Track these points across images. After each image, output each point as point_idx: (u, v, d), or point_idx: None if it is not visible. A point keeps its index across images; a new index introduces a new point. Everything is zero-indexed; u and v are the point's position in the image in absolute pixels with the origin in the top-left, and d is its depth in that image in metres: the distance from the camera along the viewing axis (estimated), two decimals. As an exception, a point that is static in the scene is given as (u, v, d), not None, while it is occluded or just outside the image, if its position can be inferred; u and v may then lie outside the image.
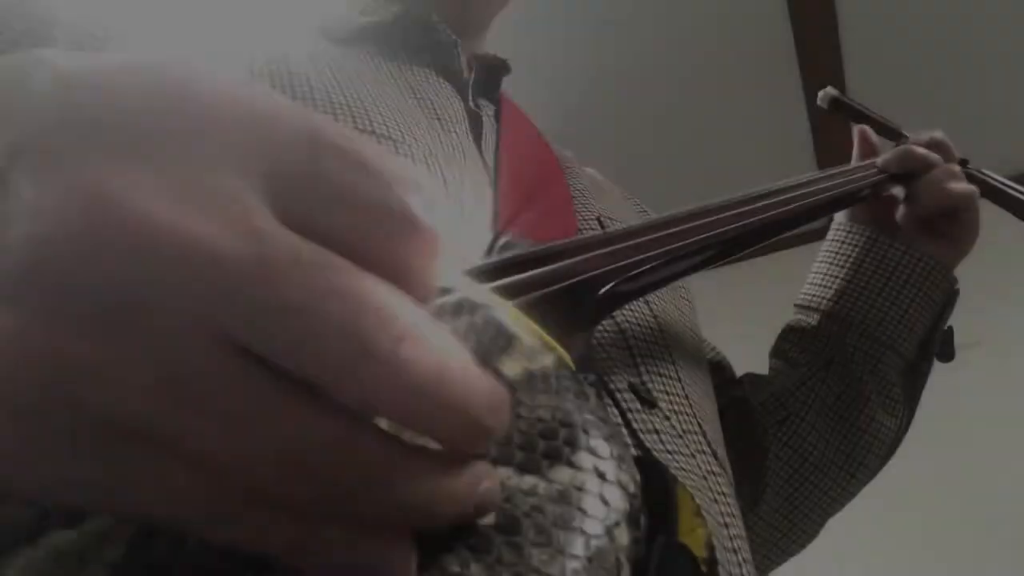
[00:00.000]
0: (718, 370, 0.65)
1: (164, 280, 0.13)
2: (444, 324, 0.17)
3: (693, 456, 0.40)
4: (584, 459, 0.21)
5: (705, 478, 0.40)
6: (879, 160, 0.64)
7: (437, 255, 0.17)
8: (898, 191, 0.65)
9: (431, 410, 0.15)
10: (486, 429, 0.16)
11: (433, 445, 0.16)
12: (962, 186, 0.61)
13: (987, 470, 2.33)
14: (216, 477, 0.14)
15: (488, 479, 0.17)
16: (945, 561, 2.25)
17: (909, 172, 0.63)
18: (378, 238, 0.16)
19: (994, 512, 2.26)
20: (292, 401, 0.14)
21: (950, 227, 0.62)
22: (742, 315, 2.07)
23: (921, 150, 0.63)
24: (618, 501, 0.20)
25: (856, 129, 0.69)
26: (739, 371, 0.67)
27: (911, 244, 0.62)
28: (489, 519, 0.18)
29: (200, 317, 0.14)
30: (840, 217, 0.67)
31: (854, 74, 2.32)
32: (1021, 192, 0.65)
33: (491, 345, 0.25)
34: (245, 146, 0.16)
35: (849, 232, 0.64)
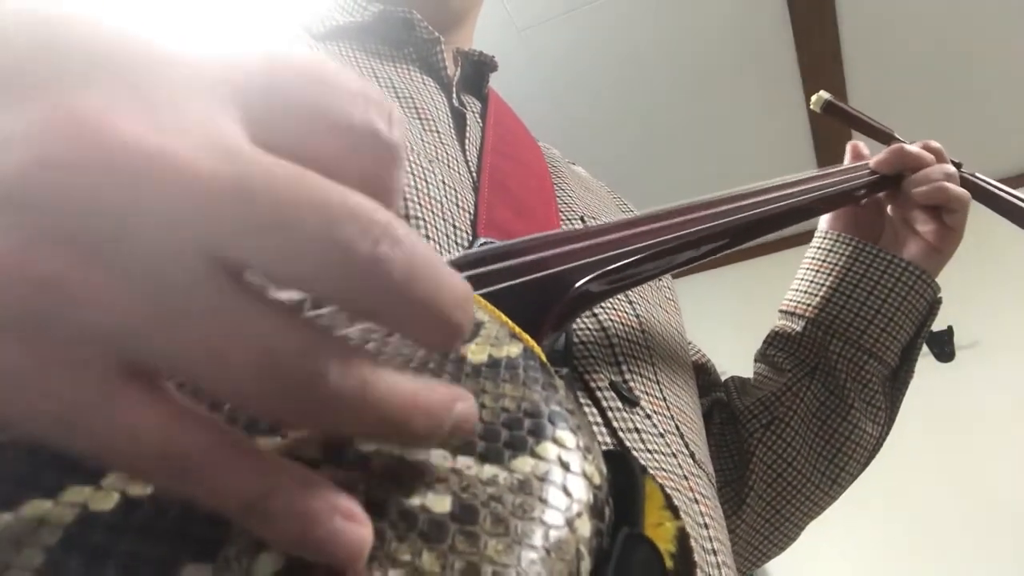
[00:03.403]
0: (702, 372, 0.65)
1: (147, 200, 0.14)
2: None
3: (674, 455, 0.40)
4: (548, 449, 0.20)
5: (686, 478, 0.40)
6: (871, 161, 0.64)
7: (398, 164, 0.17)
8: (887, 196, 0.66)
9: (406, 304, 0.15)
10: (456, 324, 0.16)
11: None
12: (955, 186, 0.61)
13: (986, 469, 2.35)
14: (184, 415, 0.15)
15: (463, 401, 0.17)
16: (945, 560, 2.26)
17: (901, 172, 0.63)
18: (342, 150, 0.17)
19: (993, 511, 2.27)
20: (269, 311, 0.15)
21: (935, 229, 0.62)
22: (742, 315, 2.08)
23: (913, 149, 0.63)
24: (581, 492, 0.19)
25: (848, 146, 0.70)
26: (738, 370, 0.67)
27: (896, 252, 0.62)
28: (445, 507, 0.18)
29: (183, 235, 0.14)
30: (824, 224, 0.67)
31: (854, 75, 2.34)
32: (1014, 196, 0.65)
33: None
34: (212, 73, 0.16)
35: (835, 241, 0.65)
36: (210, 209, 0.14)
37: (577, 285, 0.33)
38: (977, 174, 0.68)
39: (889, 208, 0.66)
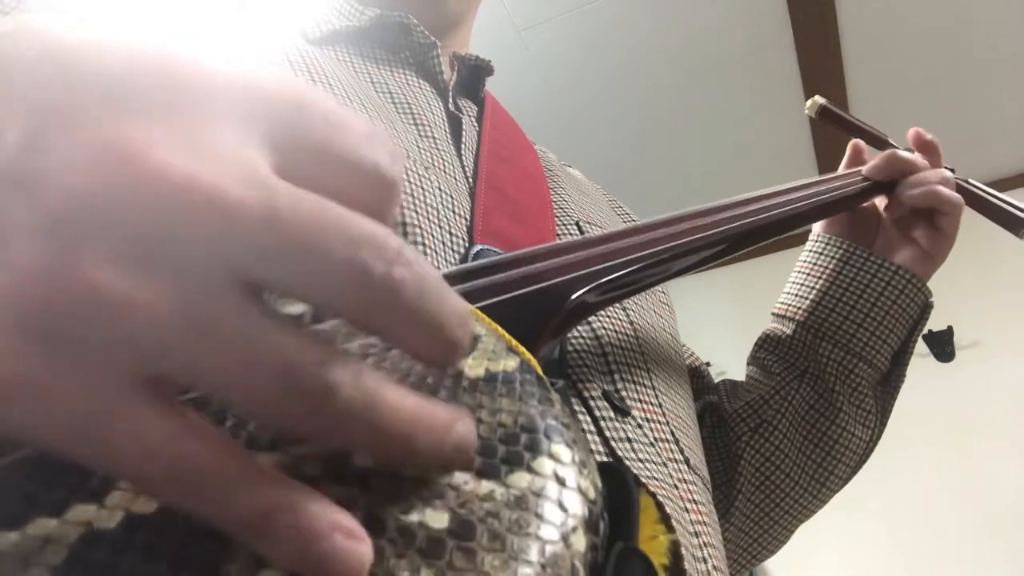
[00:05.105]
0: (696, 376, 0.65)
1: (182, 225, 0.15)
2: None
3: (665, 464, 0.40)
4: (544, 465, 0.20)
5: (676, 486, 0.40)
6: (865, 167, 0.64)
7: (396, 197, 0.20)
8: (880, 201, 0.66)
9: (414, 321, 0.17)
10: (457, 340, 0.18)
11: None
12: (948, 191, 0.61)
13: (986, 469, 2.36)
14: (195, 431, 0.16)
15: (463, 422, 0.19)
16: (945, 560, 2.27)
17: (894, 177, 0.63)
18: (354, 184, 0.19)
19: (993, 511, 2.28)
20: (288, 329, 0.16)
21: (927, 234, 0.62)
22: (742, 315, 2.09)
23: (906, 154, 0.64)
24: (577, 507, 0.20)
25: (850, 144, 0.70)
26: (737, 370, 0.67)
27: (888, 257, 0.62)
28: (443, 523, 0.18)
29: (214, 258, 0.15)
30: (818, 228, 0.67)
31: (855, 76, 2.34)
32: (1005, 202, 0.66)
33: None
34: (245, 109, 0.18)
35: (827, 244, 0.65)
36: (239, 234, 0.15)
37: (573, 297, 0.34)
38: (970, 180, 0.69)
39: (883, 213, 0.66)
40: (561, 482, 0.20)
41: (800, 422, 0.61)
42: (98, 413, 0.15)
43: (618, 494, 0.22)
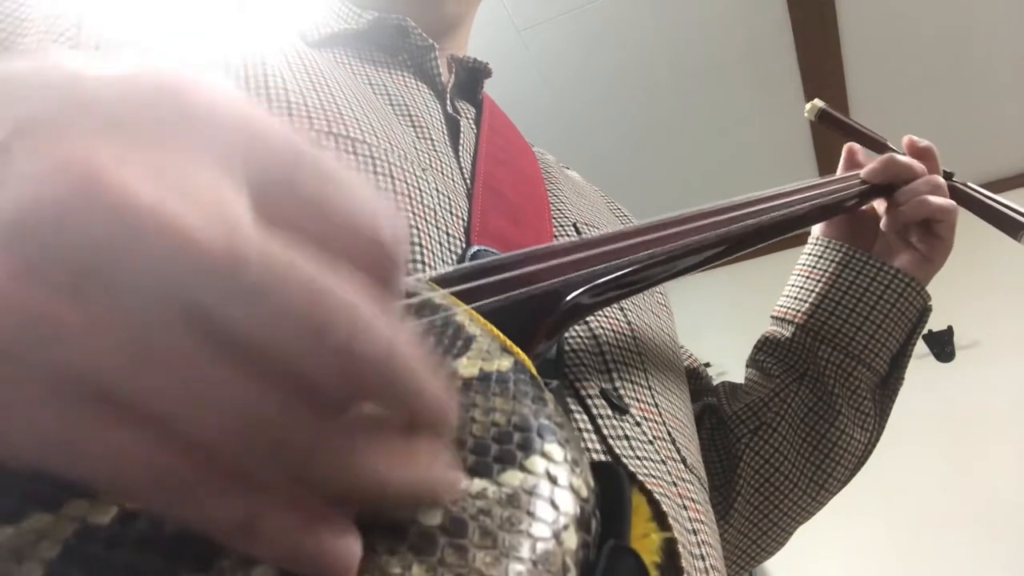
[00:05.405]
0: (694, 377, 0.66)
1: (137, 252, 0.14)
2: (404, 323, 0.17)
3: (664, 462, 0.40)
4: (536, 463, 0.21)
5: (675, 484, 0.40)
6: (863, 171, 0.65)
7: (397, 269, 0.18)
8: (879, 204, 0.66)
9: (378, 398, 0.16)
10: (427, 424, 0.17)
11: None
12: (940, 199, 0.62)
13: (986, 469, 2.36)
14: (168, 442, 0.15)
15: (440, 463, 0.18)
16: (945, 560, 2.27)
17: (891, 181, 0.63)
18: (347, 249, 0.17)
19: (993, 511, 2.28)
20: (245, 375, 0.15)
21: (925, 239, 0.63)
22: (742, 316, 2.08)
23: (903, 159, 0.64)
24: (568, 505, 0.20)
25: (845, 147, 0.70)
26: (737, 371, 0.68)
27: (886, 260, 0.63)
28: (435, 520, 0.18)
29: (167, 293, 0.15)
30: (817, 231, 0.68)
31: (855, 77, 2.34)
32: (1003, 205, 0.66)
33: (449, 345, 0.25)
34: (234, 147, 0.17)
35: (826, 247, 0.65)
36: (198, 273, 0.15)
37: (569, 298, 0.34)
38: (968, 183, 0.69)
39: (881, 217, 0.66)
40: (553, 480, 0.20)
41: (799, 424, 0.61)
42: (66, 434, 0.15)
43: (611, 493, 0.23)
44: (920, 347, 2.46)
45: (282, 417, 0.15)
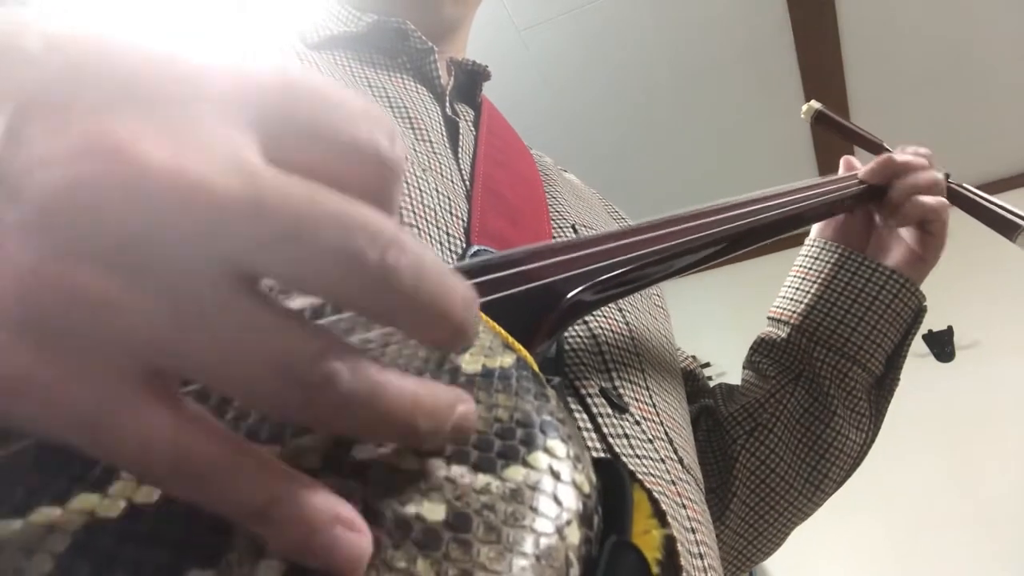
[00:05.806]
0: (690, 379, 0.66)
1: (170, 219, 0.15)
2: None
3: (662, 461, 0.41)
4: (539, 459, 0.21)
5: (673, 483, 0.40)
6: (860, 171, 0.65)
7: (398, 179, 0.19)
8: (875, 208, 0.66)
9: (414, 307, 0.17)
10: (461, 323, 0.18)
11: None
12: (932, 198, 0.62)
13: (986, 469, 2.36)
14: (199, 419, 0.16)
15: (464, 403, 0.19)
16: (945, 560, 2.27)
17: (889, 181, 0.64)
18: (350, 166, 0.18)
19: (993, 511, 2.28)
20: (285, 319, 0.16)
21: (919, 238, 0.63)
22: (740, 316, 2.09)
23: (901, 159, 0.64)
24: (571, 501, 0.20)
25: (843, 160, 0.70)
26: (736, 371, 0.68)
27: (882, 260, 0.63)
28: (439, 515, 0.18)
29: (203, 250, 0.15)
30: (813, 232, 0.68)
31: (855, 77, 2.34)
32: (1000, 207, 0.66)
33: None
34: (232, 98, 0.17)
35: (822, 248, 0.66)
36: (228, 225, 0.15)
37: (569, 295, 0.34)
38: (964, 184, 0.69)
39: (876, 216, 0.66)
40: (556, 476, 0.20)
41: (795, 425, 0.61)
42: (98, 409, 0.15)
43: (612, 489, 0.23)
44: (920, 347, 2.47)
45: (324, 353, 0.16)
